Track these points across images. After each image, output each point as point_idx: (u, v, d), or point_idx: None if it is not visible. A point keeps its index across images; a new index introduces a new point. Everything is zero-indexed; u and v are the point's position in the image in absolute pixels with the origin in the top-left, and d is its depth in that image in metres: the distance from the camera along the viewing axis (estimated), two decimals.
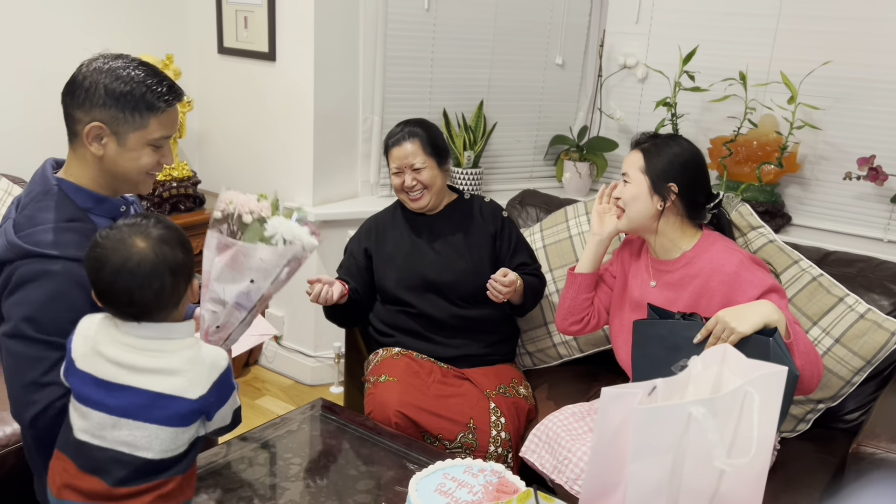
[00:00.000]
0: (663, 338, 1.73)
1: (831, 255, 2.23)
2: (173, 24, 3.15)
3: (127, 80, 1.40)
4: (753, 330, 1.58)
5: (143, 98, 1.41)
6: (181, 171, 2.91)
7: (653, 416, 1.14)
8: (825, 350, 2.02)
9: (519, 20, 3.13)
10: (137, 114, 1.41)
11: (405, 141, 2.14)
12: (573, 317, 2.06)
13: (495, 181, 3.29)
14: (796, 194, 2.80)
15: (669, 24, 2.99)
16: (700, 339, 1.66)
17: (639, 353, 1.80)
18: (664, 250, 1.90)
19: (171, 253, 1.30)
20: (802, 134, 2.67)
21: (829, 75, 2.61)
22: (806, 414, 2.05)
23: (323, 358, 3.16)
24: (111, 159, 1.45)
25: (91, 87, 1.40)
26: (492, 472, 1.56)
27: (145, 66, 1.45)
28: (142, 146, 1.45)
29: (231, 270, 1.48)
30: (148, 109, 1.42)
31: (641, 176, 1.85)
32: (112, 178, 1.48)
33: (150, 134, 1.44)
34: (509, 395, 2.10)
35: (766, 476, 1.28)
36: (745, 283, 1.75)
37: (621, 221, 1.91)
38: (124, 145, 1.43)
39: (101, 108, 1.40)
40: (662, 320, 1.76)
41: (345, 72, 2.95)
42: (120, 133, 1.42)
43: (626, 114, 3.13)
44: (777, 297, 1.73)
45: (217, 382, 1.33)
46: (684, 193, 1.83)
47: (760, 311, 1.61)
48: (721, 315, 1.62)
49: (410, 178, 2.13)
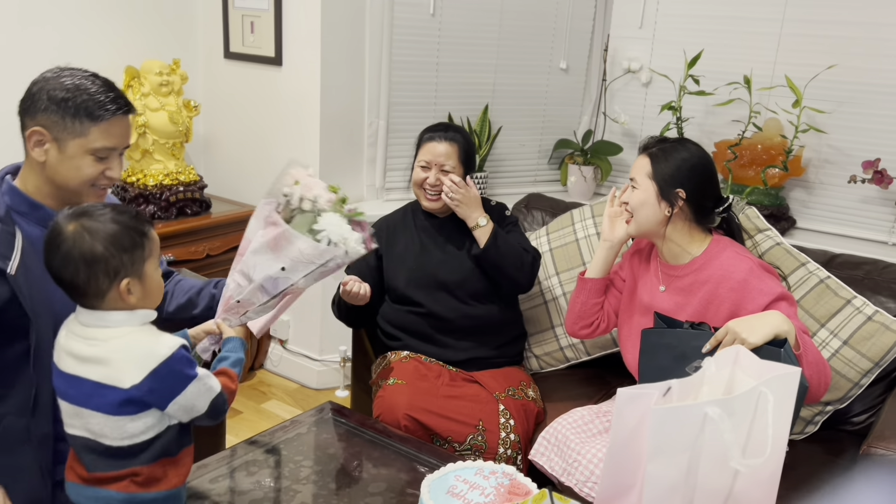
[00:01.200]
0: (672, 347, 1.73)
1: (838, 258, 2.24)
2: (180, 29, 3.15)
3: (71, 88, 1.42)
4: (764, 341, 1.58)
5: (84, 105, 1.42)
6: (187, 176, 2.91)
7: (669, 417, 1.15)
8: (833, 352, 2.02)
9: (523, 25, 3.14)
10: (77, 121, 1.42)
11: (445, 141, 2.15)
12: (583, 321, 2.06)
13: (500, 185, 3.30)
14: (801, 198, 2.81)
15: (674, 29, 3.00)
16: (709, 349, 1.65)
17: (646, 362, 1.79)
18: (673, 255, 1.90)
19: (88, 244, 1.26)
20: (807, 137, 2.67)
21: (833, 79, 2.62)
22: (814, 416, 2.05)
23: (328, 362, 3.16)
24: (52, 166, 1.45)
25: (37, 93, 1.43)
26: (503, 474, 1.57)
27: (96, 77, 1.46)
28: (82, 155, 1.45)
29: (269, 250, 1.43)
30: (88, 117, 1.42)
31: (649, 182, 1.85)
32: (54, 186, 1.48)
33: (91, 143, 1.44)
34: (518, 397, 2.10)
35: (779, 476, 1.29)
36: (753, 290, 1.75)
37: (630, 226, 1.91)
38: (64, 152, 1.44)
39: (44, 112, 1.42)
40: (671, 329, 1.75)
41: (351, 76, 2.96)
42: (60, 139, 1.43)
43: (631, 118, 3.14)
44: (786, 306, 1.73)
45: (154, 372, 1.27)
46: (692, 199, 1.83)
47: (771, 323, 1.60)
48: (731, 325, 1.62)
49: (435, 178, 2.14)
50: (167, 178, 2.85)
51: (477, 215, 2.12)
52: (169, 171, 2.86)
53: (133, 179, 2.84)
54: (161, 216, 2.82)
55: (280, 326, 3.23)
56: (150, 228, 1.32)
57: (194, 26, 3.20)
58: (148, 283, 1.32)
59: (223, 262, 3.00)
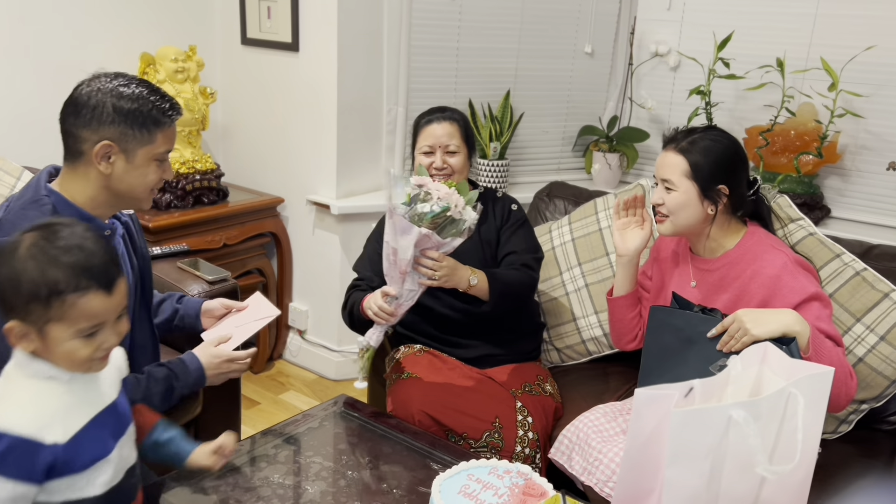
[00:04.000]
0: (679, 329, 1.69)
1: (875, 249, 2.14)
2: (196, 15, 3.12)
3: (133, 97, 1.43)
4: (769, 336, 1.51)
5: (150, 114, 1.44)
6: (204, 164, 2.88)
7: (690, 420, 1.08)
8: (869, 348, 1.93)
9: (547, 8, 3.06)
10: (145, 130, 1.44)
11: (444, 121, 2.07)
12: (626, 336, 2.01)
13: (522, 173, 3.23)
14: (836, 185, 2.70)
15: (703, 10, 2.91)
16: (714, 335, 1.61)
17: (651, 340, 1.75)
18: (709, 250, 1.81)
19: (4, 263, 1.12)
20: (843, 123, 2.57)
21: (871, 61, 2.51)
22: (848, 415, 1.96)
23: (347, 353, 3.13)
24: (118, 177, 1.46)
25: (98, 105, 1.41)
26: (518, 474, 1.51)
27: (145, 83, 1.48)
28: (148, 162, 1.47)
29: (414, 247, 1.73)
30: (154, 125, 1.45)
31: (689, 182, 1.73)
32: (115, 195, 1.49)
33: (157, 149, 1.47)
34: (535, 393, 2.03)
35: (809, 483, 1.21)
36: (785, 288, 1.66)
37: (664, 226, 1.79)
38: (132, 162, 1.46)
39: (110, 125, 1.42)
40: (680, 310, 1.71)
41: (369, 62, 2.90)
42: (129, 150, 1.45)
43: (658, 103, 3.05)
44: (819, 307, 1.65)
45: None
46: (733, 192, 1.74)
47: (781, 320, 1.54)
48: (739, 314, 1.57)
49: (441, 160, 2.07)
50: (183, 166, 2.82)
51: (466, 277, 1.91)
52: (185, 160, 2.83)
53: None
54: (177, 205, 2.80)
55: (299, 317, 3.20)
56: (73, 294, 1.11)
57: (211, 12, 3.17)
58: (51, 345, 1.14)
59: (240, 251, 2.97)
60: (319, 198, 2.99)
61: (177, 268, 2.32)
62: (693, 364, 1.65)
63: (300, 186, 3.07)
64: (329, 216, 2.98)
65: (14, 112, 2.69)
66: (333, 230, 3.01)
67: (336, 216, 2.94)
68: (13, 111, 2.69)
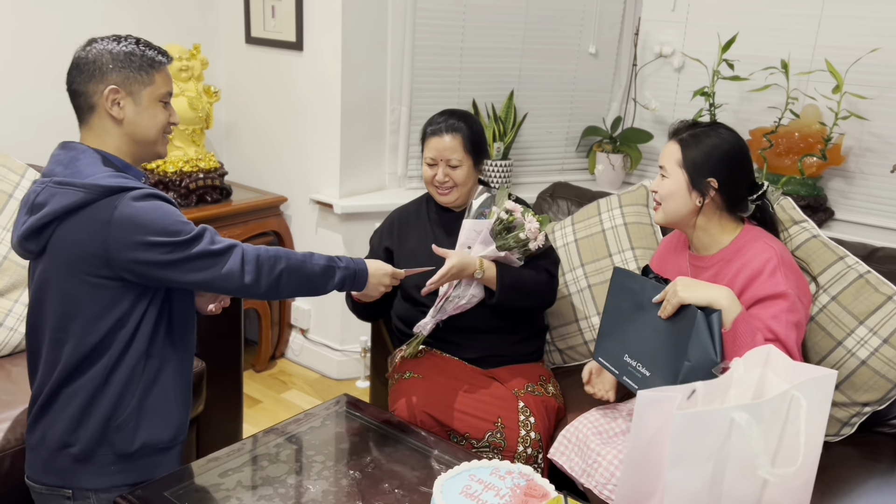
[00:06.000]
0: (634, 293, 1.74)
1: (879, 252, 2.13)
2: (201, 13, 3.12)
3: (126, 43, 1.54)
4: (694, 302, 1.58)
5: (145, 56, 1.53)
6: (208, 163, 2.89)
7: (693, 422, 1.08)
8: (872, 350, 1.92)
9: (551, 8, 3.05)
10: (143, 72, 1.53)
11: (446, 133, 2.05)
12: None
13: (525, 173, 3.23)
14: (840, 188, 2.70)
15: (708, 11, 2.90)
16: (658, 300, 1.66)
17: (611, 302, 1.82)
18: (704, 245, 1.82)
19: None
20: (847, 125, 2.56)
21: (876, 63, 2.50)
22: (851, 417, 1.96)
23: (349, 352, 3.13)
24: (131, 121, 1.53)
25: (97, 58, 1.50)
26: (520, 475, 1.51)
27: (133, 37, 1.57)
28: (154, 103, 1.55)
29: None
30: (151, 66, 1.54)
31: (679, 170, 1.77)
32: (133, 142, 1.56)
33: (159, 89, 1.55)
34: (538, 393, 2.03)
35: (812, 486, 1.21)
36: (758, 280, 1.68)
37: (658, 214, 1.84)
38: (140, 104, 1.53)
39: (112, 72, 1.50)
40: (637, 274, 1.78)
41: (373, 62, 2.90)
42: (134, 92, 1.52)
43: (662, 104, 3.04)
44: (782, 306, 1.64)
45: None
46: (725, 188, 1.75)
47: (712, 292, 1.59)
48: (677, 280, 1.63)
49: (443, 174, 2.06)
50: (187, 164, 2.82)
51: (472, 269, 1.93)
52: (189, 158, 2.84)
53: (153, 166, 2.82)
54: (181, 203, 2.80)
55: (301, 316, 3.21)
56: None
57: (216, 11, 3.17)
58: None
59: None
60: (323, 197, 2.99)
61: None
62: (641, 328, 1.71)
63: (303, 185, 3.07)
64: (332, 215, 2.98)
65: (18, 110, 2.69)
66: (336, 229, 3.01)
67: (339, 215, 2.94)
68: (18, 109, 2.69)
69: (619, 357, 1.77)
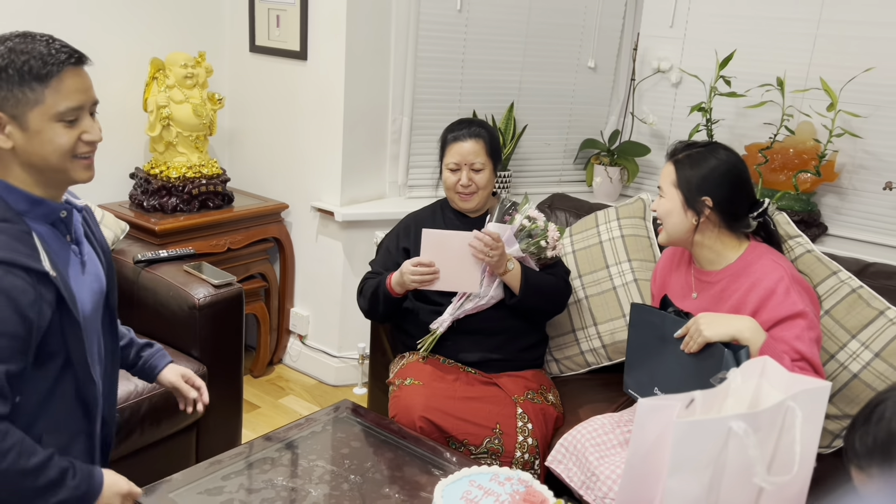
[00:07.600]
0: (656, 326, 1.79)
1: (871, 267, 2.17)
2: (206, 22, 3.15)
3: (4, 54, 1.22)
4: (718, 339, 1.62)
5: (26, 67, 1.21)
6: (211, 169, 2.91)
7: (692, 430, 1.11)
8: (864, 364, 1.96)
9: (551, 22, 3.10)
10: (27, 88, 1.22)
11: (470, 138, 2.12)
12: None
13: (524, 184, 3.26)
14: (833, 204, 2.74)
15: (705, 28, 2.94)
16: (680, 335, 1.70)
17: (633, 335, 1.87)
18: (708, 261, 1.85)
19: None
20: (841, 142, 2.60)
21: (870, 82, 2.54)
22: (843, 430, 1.99)
23: (347, 358, 3.15)
24: (22, 149, 1.25)
25: None
26: (519, 481, 1.54)
27: (26, 35, 1.26)
28: (48, 124, 1.24)
29: None
30: (36, 80, 1.22)
31: (674, 190, 1.81)
32: (36, 171, 1.28)
33: (51, 108, 1.24)
34: (537, 401, 2.06)
35: (805, 495, 1.24)
36: (774, 301, 1.70)
37: (661, 236, 1.88)
38: (28, 129, 1.24)
39: None
40: (655, 309, 1.82)
41: (375, 72, 2.94)
42: (17, 116, 1.23)
43: (659, 119, 3.08)
44: (802, 326, 1.68)
45: None
46: (721, 206, 1.78)
47: (734, 325, 1.63)
48: (699, 317, 1.68)
49: (466, 178, 2.11)
50: (190, 170, 2.85)
51: (505, 263, 2.02)
52: (192, 164, 2.86)
53: (156, 172, 2.84)
54: (183, 209, 2.82)
55: (300, 322, 3.23)
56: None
57: (220, 19, 3.20)
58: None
59: (243, 256, 2.99)
60: (323, 204, 3.01)
61: (183, 271, 2.35)
62: (668, 362, 1.75)
63: (305, 193, 3.10)
64: (332, 223, 3.01)
65: None
66: (336, 237, 3.04)
67: (339, 223, 2.97)
68: None
69: (648, 389, 1.80)
